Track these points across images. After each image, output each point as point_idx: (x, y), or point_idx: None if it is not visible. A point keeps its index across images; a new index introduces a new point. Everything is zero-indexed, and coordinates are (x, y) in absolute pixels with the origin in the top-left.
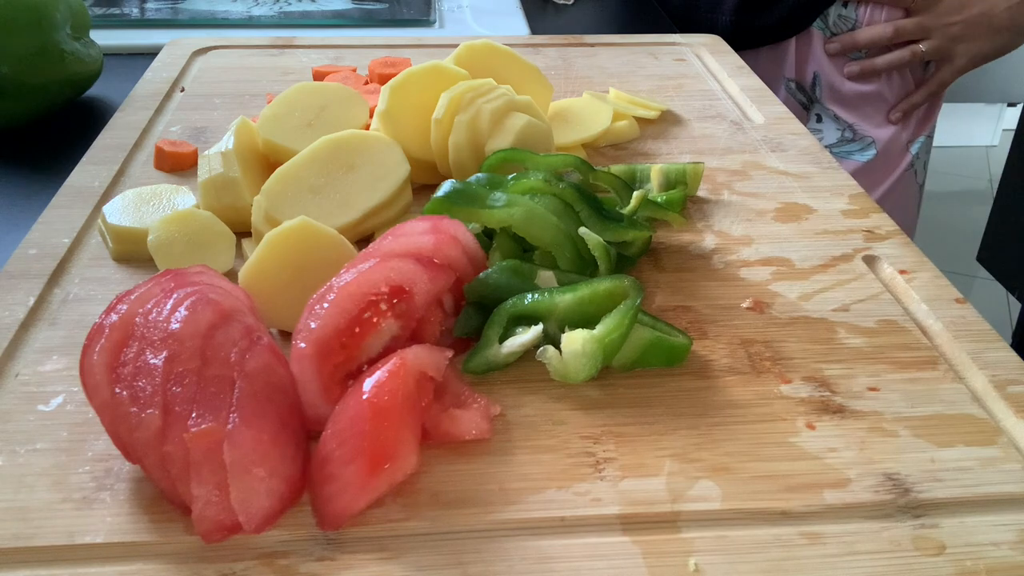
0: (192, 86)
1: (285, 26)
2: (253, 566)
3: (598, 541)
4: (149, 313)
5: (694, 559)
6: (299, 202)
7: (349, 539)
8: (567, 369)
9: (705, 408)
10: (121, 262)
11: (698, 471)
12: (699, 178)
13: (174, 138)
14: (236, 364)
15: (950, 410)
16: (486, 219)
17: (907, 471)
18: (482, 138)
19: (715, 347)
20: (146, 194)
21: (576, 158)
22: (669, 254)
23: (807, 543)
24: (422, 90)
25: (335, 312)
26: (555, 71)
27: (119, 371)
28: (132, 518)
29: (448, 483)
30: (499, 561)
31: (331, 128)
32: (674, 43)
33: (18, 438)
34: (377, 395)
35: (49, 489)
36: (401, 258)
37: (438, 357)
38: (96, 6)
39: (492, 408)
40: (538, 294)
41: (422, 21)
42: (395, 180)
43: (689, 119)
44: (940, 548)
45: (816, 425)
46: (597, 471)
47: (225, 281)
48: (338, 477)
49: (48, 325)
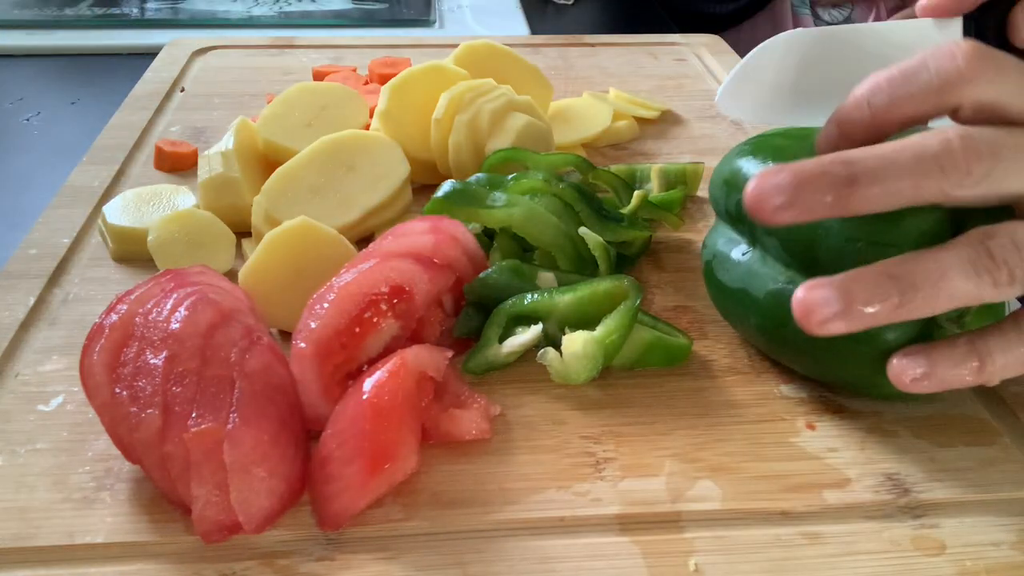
0: (192, 86)
1: (285, 26)
2: (253, 566)
3: (598, 541)
4: (149, 313)
5: (694, 559)
6: (299, 202)
7: (349, 539)
8: (568, 371)
9: (705, 408)
10: (121, 262)
11: (698, 471)
12: (699, 178)
13: (174, 138)
14: (236, 364)
15: (950, 410)
16: (486, 219)
17: (907, 471)
18: (482, 138)
19: (715, 347)
20: (146, 194)
21: (577, 157)
22: (669, 254)
23: (807, 543)
24: (422, 90)
25: (335, 312)
26: (555, 71)
27: (119, 371)
28: (132, 518)
29: (448, 483)
30: (499, 561)
31: (331, 128)
32: (674, 43)
33: (18, 438)
34: (377, 395)
35: (49, 489)
36: (401, 258)
37: (438, 357)
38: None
39: (492, 408)
40: (538, 294)
41: (422, 21)
42: (395, 180)
43: (689, 119)
44: (940, 548)
45: (816, 425)
46: (597, 471)
47: (225, 281)
48: (338, 477)
49: (48, 325)
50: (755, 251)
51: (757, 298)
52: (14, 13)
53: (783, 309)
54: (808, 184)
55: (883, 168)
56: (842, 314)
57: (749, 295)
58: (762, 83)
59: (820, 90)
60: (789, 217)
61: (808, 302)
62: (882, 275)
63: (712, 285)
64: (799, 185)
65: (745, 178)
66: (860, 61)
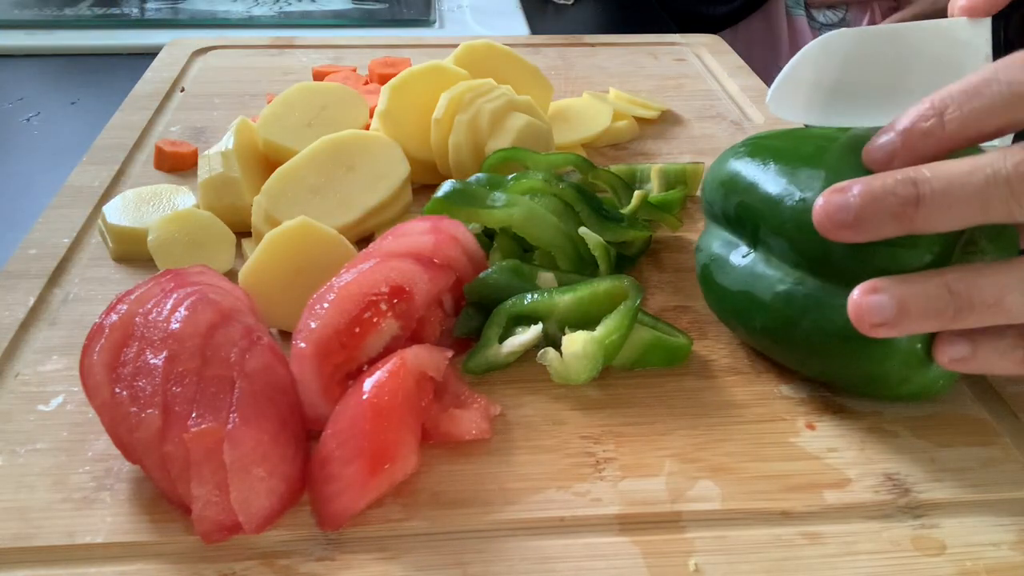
0: (192, 86)
1: (285, 26)
2: (253, 566)
3: (598, 541)
4: (149, 313)
5: (694, 559)
6: (299, 202)
7: (349, 539)
8: (568, 371)
9: (705, 408)
10: (121, 262)
11: (698, 471)
12: (699, 178)
13: (174, 138)
14: (236, 364)
15: (950, 410)
16: (486, 219)
17: (907, 471)
18: (482, 138)
19: (715, 347)
20: (146, 194)
21: (577, 157)
22: (669, 254)
23: (807, 543)
24: (422, 90)
25: (335, 312)
26: (555, 71)
27: (119, 371)
28: (132, 518)
29: (448, 483)
30: (499, 561)
31: (331, 128)
32: (674, 43)
33: (18, 438)
34: (377, 395)
35: (49, 489)
36: (401, 258)
37: (438, 357)
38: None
39: (492, 408)
40: (538, 294)
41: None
42: (395, 180)
43: (689, 119)
44: (940, 548)
45: (816, 425)
46: (597, 471)
47: (225, 281)
48: (338, 477)
49: (48, 325)
50: (757, 252)
51: (763, 300)
52: (14, 13)
53: (792, 310)
54: (876, 205)
55: (952, 192)
56: (894, 323)
57: (754, 297)
58: (810, 84)
59: (867, 90)
60: (855, 236)
61: (863, 307)
62: (941, 287)
63: (710, 289)
64: (866, 206)
65: (745, 183)
66: (905, 60)
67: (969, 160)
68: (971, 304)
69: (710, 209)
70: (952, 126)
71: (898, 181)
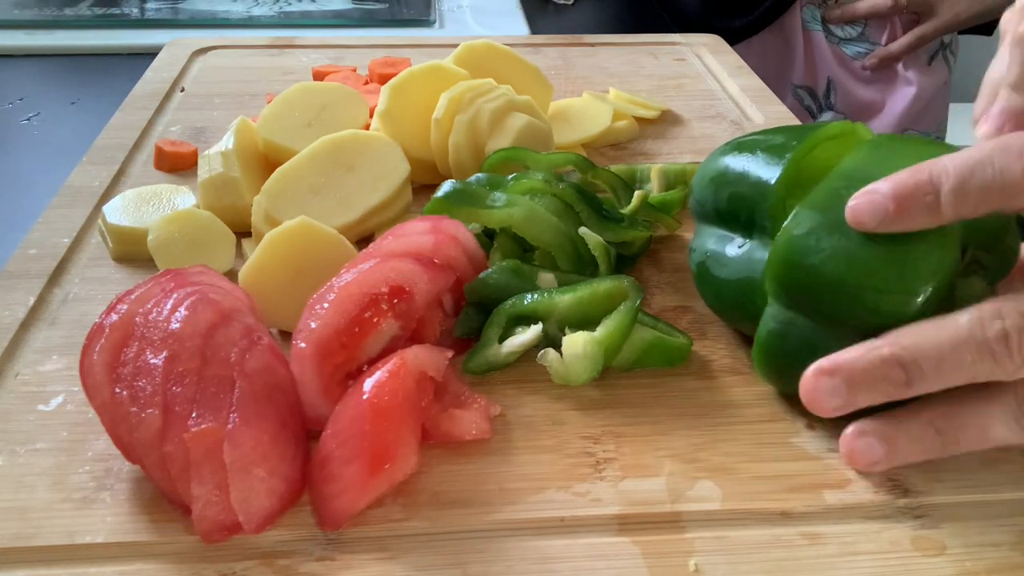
0: (192, 86)
1: (285, 26)
2: (253, 566)
3: (598, 541)
4: (149, 313)
5: (694, 559)
6: (299, 202)
7: (349, 539)
8: (568, 372)
9: (705, 408)
10: (121, 262)
11: (698, 471)
12: None
13: (174, 138)
14: (236, 364)
15: None
16: (486, 219)
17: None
18: (482, 138)
19: (715, 347)
20: (146, 194)
21: (577, 156)
22: (669, 254)
23: (807, 543)
24: (422, 90)
25: (335, 312)
26: (555, 71)
27: (119, 371)
28: (132, 518)
29: (448, 483)
30: (499, 561)
31: (331, 128)
32: (674, 43)
33: (18, 438)
34: (377, 395)
35: (49, 489)
36: (401, 258)
37: (438, 357)
38: (96, 6)
39: (492, 408)
40: (538, 294)
41: (422, 21)
42: (395, 180)
43: (689, 119)
44: (940, 549)
45: (816, 425)
46: (597, 471)
47: (225, 281)
48: (338, 477)
49: (48, 325)
50: (753, 241)
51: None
52: (14, 13)
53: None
54: (862, 386)
55: (941, 368)
56: (885, 460)
57: (754, 281)
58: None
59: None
60: (844, 412)
61: (854, 448)
62: (928, 427)
63: (708, 285)
64: (853, 388)
65: (734, 174)
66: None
67: (956, 327)
68: (957, 440)
69: (701, 209)
70: (948, 210)
71: (887, 363)
